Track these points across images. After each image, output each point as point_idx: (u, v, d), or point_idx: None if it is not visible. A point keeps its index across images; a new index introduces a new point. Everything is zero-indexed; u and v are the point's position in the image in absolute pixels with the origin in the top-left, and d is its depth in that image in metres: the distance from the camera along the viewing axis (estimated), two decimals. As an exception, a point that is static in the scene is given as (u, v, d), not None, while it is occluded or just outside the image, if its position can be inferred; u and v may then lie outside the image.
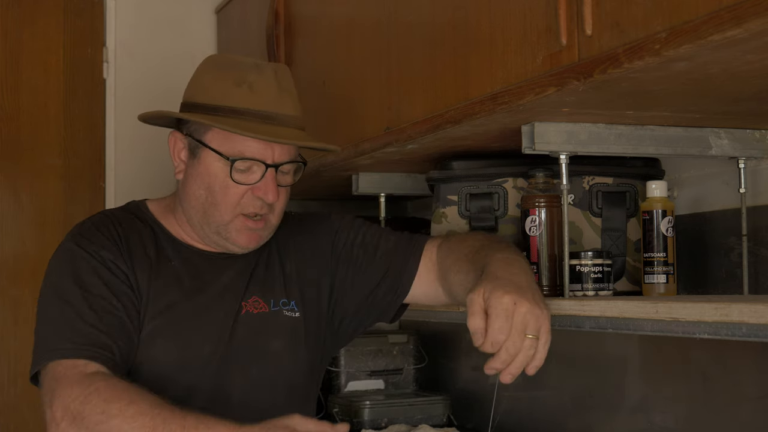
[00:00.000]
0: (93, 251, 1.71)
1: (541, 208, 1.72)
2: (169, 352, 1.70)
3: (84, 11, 3.06)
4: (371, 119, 2.01)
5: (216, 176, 1.71)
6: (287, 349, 1.79)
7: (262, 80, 1.71)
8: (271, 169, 1.70)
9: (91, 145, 3.05)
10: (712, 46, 1.14)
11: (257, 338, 1.76)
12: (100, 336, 1.63)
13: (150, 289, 1.72)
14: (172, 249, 1.79)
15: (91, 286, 1.68)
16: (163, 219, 1.82)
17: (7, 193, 2.97)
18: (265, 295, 1.80)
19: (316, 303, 1.83)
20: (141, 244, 1.76)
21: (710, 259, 1.85)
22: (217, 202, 1.71)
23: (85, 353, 1.61)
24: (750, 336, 1.20)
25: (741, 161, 1.74)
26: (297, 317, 1.80)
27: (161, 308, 1.72)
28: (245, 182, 1.70)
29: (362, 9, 2.09)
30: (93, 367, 1.60)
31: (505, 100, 1.52)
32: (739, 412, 1.77)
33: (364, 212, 2.85)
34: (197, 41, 3.12)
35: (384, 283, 1.82)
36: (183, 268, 1.77)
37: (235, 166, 1.68)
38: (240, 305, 1.77)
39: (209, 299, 1.76)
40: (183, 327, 1.72)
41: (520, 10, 1.49)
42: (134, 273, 1.72)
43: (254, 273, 1.81)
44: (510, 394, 2.47)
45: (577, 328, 1.53)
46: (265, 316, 1.78)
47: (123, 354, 1.65)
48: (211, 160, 1.71)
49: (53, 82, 3.02)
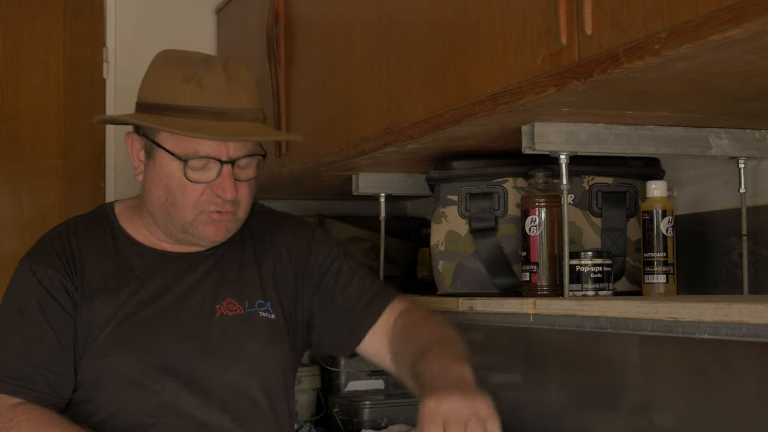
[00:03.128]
0: (41, 271, 1.73)
1: (541, 208, 1.71)
2: (130, 360, 1.70)
3: (84, 11, 3.06)
4: (371, 119, 2.01)
5: (172, 176, 1.69)
6: (264, 351, 1.78)
7: (211, 75, 1.69)
8: (227, 165, 1.68)
9: (91, 145, 3.04)
10: (712, 46, 1.13)
11: (233, 340, 1.75)
12: (27, 369, 1.68)
13: (103, 302, 1.72)
14: (136, 256, 1.78)
15: (28, 312, 1.72)
16: (129, 223, 1.81)
17: (7, 193, 2.97)
18: (241, 296, 1.79)
19: (291, 304, 1.83)
20: (98, 257, 1.76)
21: (710, 259, 1.85)
22: (176, 201, 1.70)
23: (6, 387, 1.66)
24: (750, 336, 1.20)
25: (741, 161, 1.74)
26: (273, 318, 1.79)
27: (121, 318, 1.71)
28: (202, 180, 1.68)
29: (362, 9, 2.09)
30: (17, 400, 1.66)
31: (505, 100, 1.51)
32: (739, 412, 1.77)
33: (364, 212, 2.85)
34: (197, 41, 3.12)
35: (345, 320, 1.82)
36: (146, 275, 1.76)
37: (189, 165, 1.67)
38: (214, 308, 1.76)
39: (175, 303, 1.75)
40: (145, 334, 1.71)
41: (520, 10, 1.49)
42: (83, 289, 1.72)
43: (227, 274, 1.80)
44: (510, 394, 2.47)
45: (577, 328, 1.53)
46: (240, 318, 1.77)
47: (52, 383, 1.68)
48: (166, 160, 1.69)
49: (53, 82, 3.02)
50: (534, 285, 1.71)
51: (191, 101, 1.67)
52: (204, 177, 1.68)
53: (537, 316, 1.62)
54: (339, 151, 2.10)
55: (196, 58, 1.72)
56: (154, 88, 1.72)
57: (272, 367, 1.80)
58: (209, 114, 1.67)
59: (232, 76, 1.70)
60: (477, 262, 1.92)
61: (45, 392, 1.68)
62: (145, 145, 1.74)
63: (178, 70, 1.70)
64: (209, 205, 1.70)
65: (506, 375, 2.51)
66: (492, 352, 2.57)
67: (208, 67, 1.70)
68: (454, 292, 1.94)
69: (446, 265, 1.95)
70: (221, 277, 1.79)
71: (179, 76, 1.69)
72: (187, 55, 1.74)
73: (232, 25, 3.03)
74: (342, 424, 2.62)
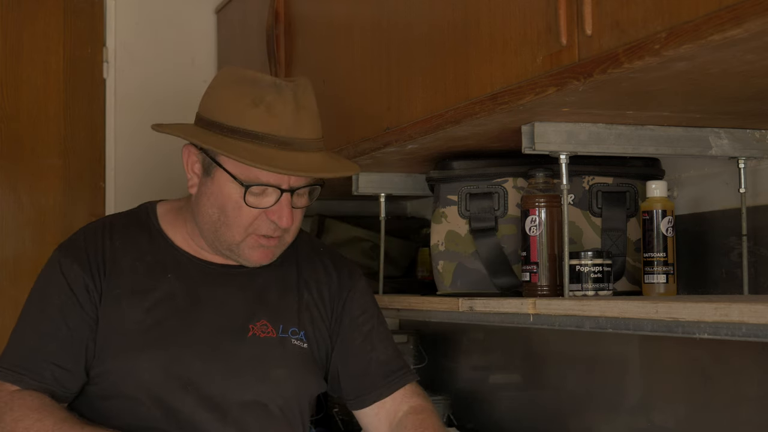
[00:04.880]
0: (67, 264, 1.73)
1: (541, 208, 1.71)
2: (154, 368, 1.69)
3: (84, 11, 3.06)
4: (371, 119, 2.01)
5: (229, 197, 1.67)
6: (293, 377, 1.77)
7: (280, 101, 1.66)
8: (286, 193, 1.67)
9: (91, 145, 3.04)
10: (712, 46, 1.14)
11: (261, 363, 1.74)
12: (35, 361, 1.69)
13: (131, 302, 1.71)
14: (173, 260, 1.77)
15: (47, 305, 1.73)
16: (171, 225, 1.80)
17: (7, 193, 2.96)
18: (276, 320, 1.77)
19: (323, 339, 1.83)
20: (131, 256, 1.75)
21: (710, 259, 1.85)
22: (229, 222, 1.69)
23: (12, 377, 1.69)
24: (750, 336, 1.20)
25: (741, 161, 1.74)
26: (304, 348, 1.79)
27: (150, 322, 1.70)
28: (260, 206, 1.67)
29: (362, 9, 2.09)
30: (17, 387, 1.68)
31: (505, 100, 1.51)
32: (739, 412, 1.77)
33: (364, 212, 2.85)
34: (197, 41, 3.12)
35: (356, 382, 1.84)
36: (180, 281, 1.75)
37: (249, 190, 1.65)
38: (247, 327, 1.75)
39: (206, 315, 1.73)
40: (170, 342, 1.70)
41: (520, 10, 1.49)
42: (109, 289, 1.72)
43: (266, 295, 1.79)
44: (510, 394, 2.47)
45: (577, 328, 1.53)
46: (271, 342, 1.76)
47: (60, 377, 1.69)
48: (225, 180, 1.67)
49: (53, 82, 3.02)
50: (534, 285, 1.71)
51: (259, 127, 1.64)
52: (262, 203, 1.67)
53: (537, 316, 1.62)
54: (339, 151, 2.10)
55: (266, 81, 1.68)
56: (219, 106, 1.69)
57: (297, 393, 1.79)
58: (276, 143, 1.64)
59: (301, 104, 1.67)
60: (477, 262, 1.92)
61: (51, 385, 1.68)
62: (203, 160, 1.71)
63: (247, 92, 1.66)
64: (261, 230, 1.69)
65: (506, 375, 2.51)
66: (492, 352, 2.57)
67: (278, 91, 1.66)
68: (454, 292, 1.94)
69: (446, 265, 1.95)
70: (258, 297, 1.78)
71: (248, 98, 1.66)
72: (256, 77, 1.70)
73: (232, 25, 3.03)
74: (342, 424, 2.61)
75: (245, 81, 1.69)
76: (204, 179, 1.71)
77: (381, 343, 1.86)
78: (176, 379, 1.68)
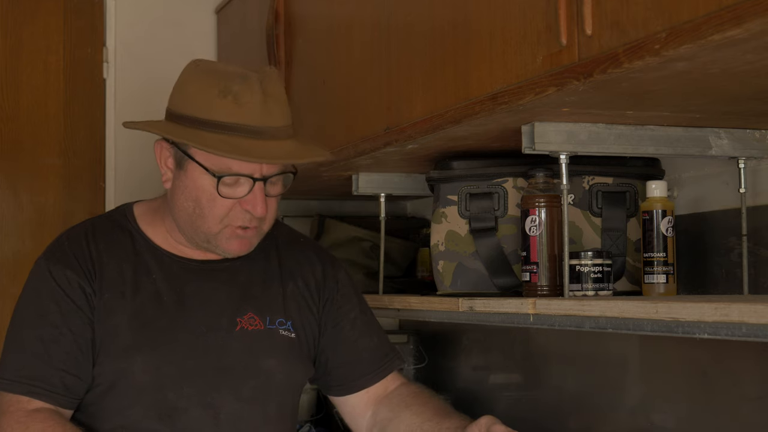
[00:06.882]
0: (58, 272, 1.72)
1: (541, 208, 1.71)
2: (146, 367, 1.69)
3: (84, 11, 3.06)
4: (371, 119, 2.01)
5: (203, 190, 1.68)
6: (281, 368, 1.79)
7: (248, 91, 1.66)
8: (259, 182, 1.67)
9: (91, 145, 3.04)
10: (712, 46, 1.13)
11: (251, 355, 1.75)
12: (43, 369, 1.67)
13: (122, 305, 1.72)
14: (154, 260, 1.77)
15: (46, 313, 1.71)
16: (149, 226, 1.81)
17: (7, 193, 2.97)
18: (262, 312, 1.79)
19: (310, 327, 1.85)
20: (116, 259, 1.75)
21: (710, 259, 1.85)
22: (204, 214, 1.70)
23: (23, 388, 1.66)
24: (750, 336, 1.20)
25: (741, 161, 1.74)
26: (292, 338, 1.81)
27: (137, 324, 1.71)
28: (233, 196, 1.68)
29: (362, 9, 2.09)
30: (35, 404, 1.65)
31: (505, 100, 1.51)
32: (739, 412, 1.77)
33: (364, 212, 2.86)
34: (197, 41, 3.12)
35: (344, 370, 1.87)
36: (164, 281, 1.76)
37: (222, 180, 1.66)
38: (234, 320, 1.76)
39: (191, 312, 1.74)
40: (160, 342, 1.71)
41: (520, 10, 1.49)
42: (101, 292, 1.72)
43: (251, 288, 1.80)
44: (510, 394, 2.47)
45: (577, 328, 1.53)
46: (260, 334, 1.77)
47: (69, 384, 1.68)
48: (198, 173, 1.68)
49: (53, 82, 3.02)
50: (534, 285, 1.71)
51: (228, 117, 1.65)
52: (235, 193, 1.68)
53: (537, 316, 1.62)
54: (339, 151, 2.10)
55: (233, 72, 1.69)
56: (188, 99, 1.70)
57: (287, 384, 1.81)
58: (246, 132, 1.65)
59: (268, 92, 1.68)
60: (477, 262, 1.92)
61: (61, 393, 1.67)
62: (175, 154, 1.72)
63: (214, 83, 1.67)
64: (236, 220, 1.70)
65: (506, 375, 2.51)
66: (492, 352, 2.57)
67: (244, 81, 1.66)
68: (454, 292, 1.94)
69: (446, 265, 1.96)
70: (243, 290, 1.79)
71: (215, 89, 1.66)
72: (222, 68, 1.71)
73: (232, 25, 3.03)
74: (342, 424, 2.61)
75: (212, 73, 1.70)
76: (177, 173, 1.72)
77: (368, 328, 1.90)
78: (169, 378, 1.69)
